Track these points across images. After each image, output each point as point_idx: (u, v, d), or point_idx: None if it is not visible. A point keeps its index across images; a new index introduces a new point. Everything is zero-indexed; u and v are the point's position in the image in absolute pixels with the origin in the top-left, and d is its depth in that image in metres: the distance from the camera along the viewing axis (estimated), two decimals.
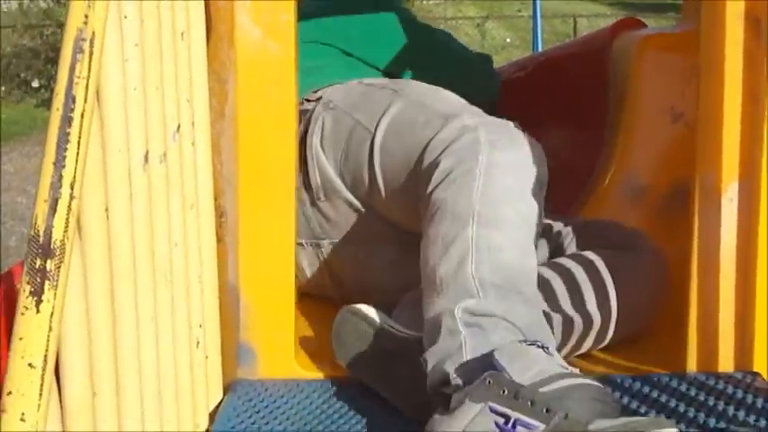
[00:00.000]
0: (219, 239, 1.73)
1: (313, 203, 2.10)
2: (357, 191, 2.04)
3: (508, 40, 18.60)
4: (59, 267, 1.09)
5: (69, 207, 1.11)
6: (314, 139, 2.05)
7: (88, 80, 1.16)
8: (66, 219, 1.11)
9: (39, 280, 1.07)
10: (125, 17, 1.30)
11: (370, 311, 1.78)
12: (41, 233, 1.09)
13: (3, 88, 14.38)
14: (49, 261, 1.08)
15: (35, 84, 14.82)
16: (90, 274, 1.20)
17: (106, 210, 1.23)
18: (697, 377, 1.73)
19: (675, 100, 2.13)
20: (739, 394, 1.66)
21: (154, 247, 1.39)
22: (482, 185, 1.70)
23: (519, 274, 1.68)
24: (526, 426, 1.38)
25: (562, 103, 2.45)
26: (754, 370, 1.73)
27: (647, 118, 2.29)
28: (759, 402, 1.62)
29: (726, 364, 1.74)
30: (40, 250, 1.09)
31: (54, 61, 12.22)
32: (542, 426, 1.37)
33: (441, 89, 2.04)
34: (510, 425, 1.39)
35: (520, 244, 1.71)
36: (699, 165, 1.74)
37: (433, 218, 1.74)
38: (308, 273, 2.18)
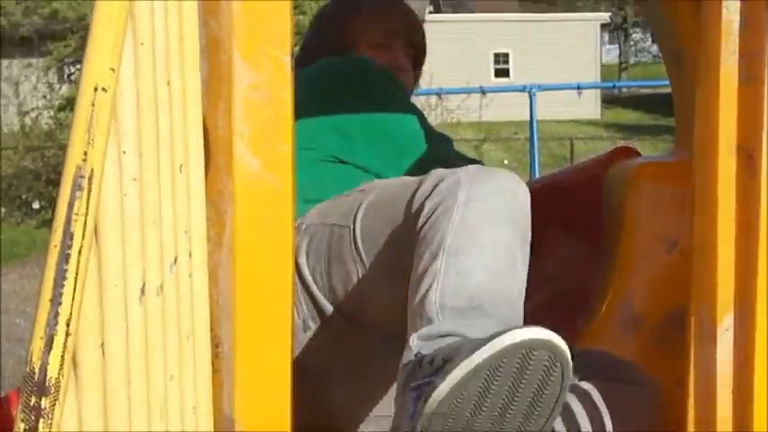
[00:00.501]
0: (215, 370, 1.74)
1: (305, 331, 2.17)
2: (345, 305, 2.05)
3: (506, 162, 19.12)
4: (54, 405, 1.12)
5: (65, 344, 1.14)
6: (299, 261, 2.08)
7: (86, 217, 1.20)
8: (62, 356, 1.14)
9: (33, 418, 1.10)
10: (124, 152, 1.33)
11: None
12: (36, 371, 1.12)
13: (3, 209, 14.67)
14: (44, 399, 1.11)
15: (35, 205, 15.13)
16: (84, 411, 1.22)
17: (102, 345, 1.25)
18: None
19: (670, 228, 2.18)
20: None
21: (149, 381, 1.41)
22: (458, 218, 1.73)
23: (488, 295, 1.67)
24: (422, 385, 1.49)
25: (559, 230, 2.50)
26: None
27: (642, 246, 2.36)
28: None
29: None
30: (35, 388, 1.12)
31: (55, 183, 12.44)
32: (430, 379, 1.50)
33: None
34: (415, 392, 1.52)
35: (492, 267, 1.70)
36: (694, 294, 1.80)
37: (414, 259, 1.82)
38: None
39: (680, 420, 1.83)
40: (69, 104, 15.36)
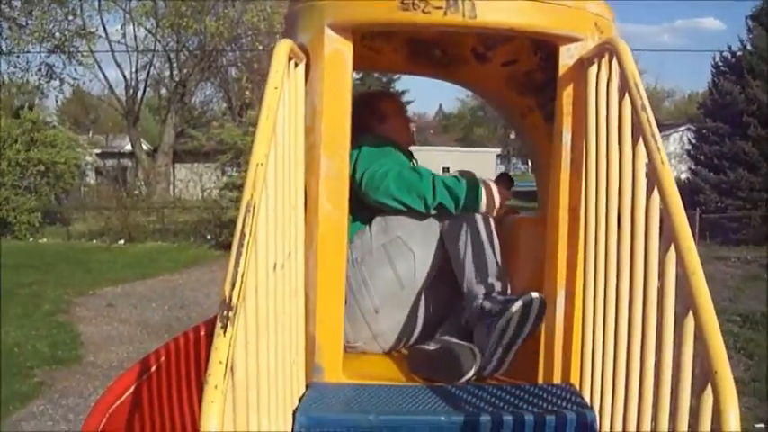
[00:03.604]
0: (306, 311, 2.52)
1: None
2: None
3: None
4: (235, 315, 1.63)
5: (240, 286, 1.68)
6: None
7: (251, 227, 1.80)
8: (238, 292, 1.67)
9: (225, 321, 1.61)
10: (268, 196, 1.99)
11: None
12: (227, 297, 1.65)
13: (192, 239, 23.94)
14: (230, 312, 1.63)
15: (208, 236, 23.53)
16: (247, 321, 1.79)
17: (255, 290, 1.84)
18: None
19: (536, 250, 2.90)
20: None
21: (276, 312, 2.05)
22: None
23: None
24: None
25: None
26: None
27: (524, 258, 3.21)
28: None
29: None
30: (225, 306, 1.64)
31: (220, 226, 22.19)
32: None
33: None
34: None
35: None
36: (546, 282, 2.64)
37: None
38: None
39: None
40: (226, 186, 22.23)
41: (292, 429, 2.30)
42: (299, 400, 2.45)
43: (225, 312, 1.62)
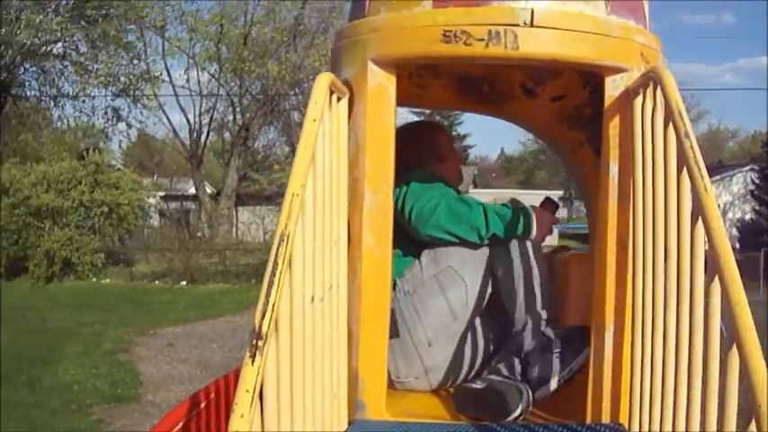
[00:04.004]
0: (348, 346, 2.48)
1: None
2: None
3: None
4: (264, 344, 1.64)
5: (271, 317, 1.69)
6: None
7: (284, 256, 1.79)
8: (269, 322, 1.68)
9: (254, 350, 1.62)
10: (306, 229, 1.97)
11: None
12: (257, 326, 1.66)
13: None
14: (259, 341, 1.64)
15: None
16: (282, 351, 1.79)
17: (290, 322, 1.83)
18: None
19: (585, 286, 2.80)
20: None
21: (316, 346, 2.05)
22: None
23: None
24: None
25: None
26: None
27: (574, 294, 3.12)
28: None
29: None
30: (255, 335, 1.64)
31: None
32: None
33: None
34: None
35: None
36: (594, 317, 2.57)
37: None
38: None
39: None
40: None
41: None
42: None
43: (254, 341, 1.63)
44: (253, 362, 1.60)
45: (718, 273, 1.70)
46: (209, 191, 33.78)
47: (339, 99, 2.45)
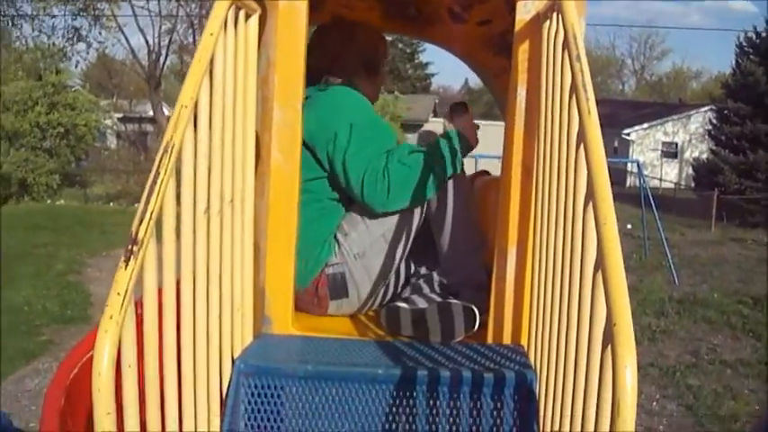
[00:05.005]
0: (255, 261, 2.51)
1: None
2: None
3: None
4: (139, 249, 1.66)
5: (149, 223, 1.70)
6: None
7: (168, 166, 1.79)
8: (147, 228, 1.69)
9: (128, 254, 1.65)
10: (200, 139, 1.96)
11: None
12: (133, 233, 1.67)
13: None
14: (134, 246, 1.66)
15: None
16: (167, 259, 1.81)
17: (176, 231, 1.85)
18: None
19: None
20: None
21: (212, 258, 2.06)
22: None
23: None
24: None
25: None
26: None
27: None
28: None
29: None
30: (131, 240, 1.67)
31: None
32: None
33: None
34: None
35: None
36: (498, 233, 2.57)
37: None
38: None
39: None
40: None
41: (231, 375, 2.30)
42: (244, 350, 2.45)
43: (129, 246, 1.64)
44: (126, 266, 1.62)
45: (590, 195, 1.72)
46: (167, 113, 33.34)
47: (249, 16, 2.43)
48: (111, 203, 23.42)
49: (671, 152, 42.65)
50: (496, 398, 2.29)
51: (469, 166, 3.21)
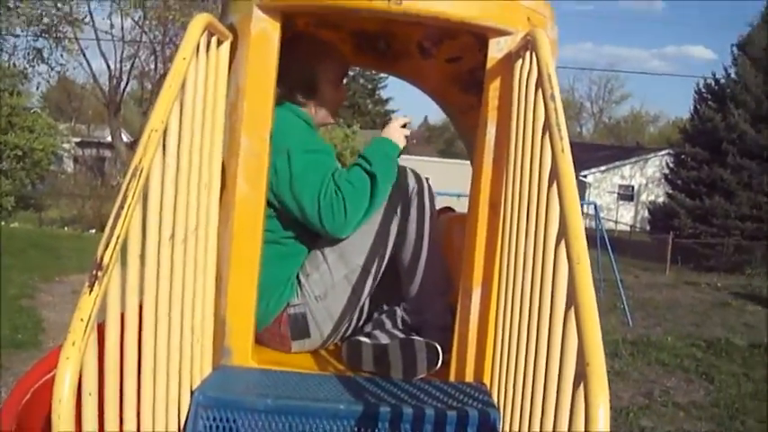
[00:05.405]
0: (217, 291, 2.47)
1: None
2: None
3: None
4: (104, 275, 1.63)
5: (114, 249, 1.67)
6: None
7: (135, 191, 1.77)
8: (111, 254, 1.66)
9: (93, 279, 1.61)
10: (168, 165, 1.92)
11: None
12: (98, 258, 1.64)
13: None
14: (99, 272, 1.62)
15: None
16: (130, 285, 1.79)
17: (140, 257, 1.82)
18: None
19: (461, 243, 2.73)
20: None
21: (174, 286, 2.03)
22: None
23: None
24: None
25: None
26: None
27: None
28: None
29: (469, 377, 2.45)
30: (95, 266, 1.63)
31: None
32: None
33: None
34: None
35: None
36: (464, 275, 2.54)
37: None
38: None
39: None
40: None
41: (189, 407, 2.26)
42: (204, 381, 2.40)
43: (94, 272, 1.60)
44: (90, 291, 1.58)
45: (563, 233, 1.71)
46: (125, 139, 33.13)
47: (220, 42, 2.41)
48: (66, 228, 23.13)
49: (627, 195, 43.10)
50: None
51: None
